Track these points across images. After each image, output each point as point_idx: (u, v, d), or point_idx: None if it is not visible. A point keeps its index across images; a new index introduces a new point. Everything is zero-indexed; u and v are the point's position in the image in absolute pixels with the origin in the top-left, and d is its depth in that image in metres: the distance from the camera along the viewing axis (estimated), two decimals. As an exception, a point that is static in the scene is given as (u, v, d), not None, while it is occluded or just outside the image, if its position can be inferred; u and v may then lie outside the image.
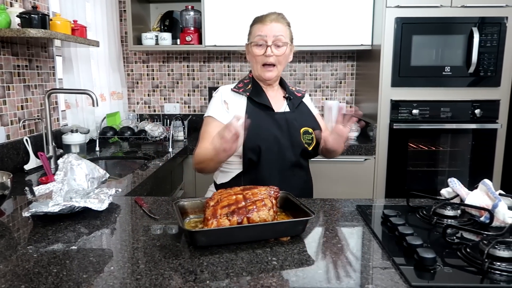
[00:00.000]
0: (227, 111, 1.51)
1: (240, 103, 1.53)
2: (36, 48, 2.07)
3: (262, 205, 0.99)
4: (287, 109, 1.56)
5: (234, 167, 1.51)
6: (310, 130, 1.53)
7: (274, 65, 1.48)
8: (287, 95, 1.58)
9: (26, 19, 1.65)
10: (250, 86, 1.56)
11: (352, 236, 1.03)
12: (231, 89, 1.56)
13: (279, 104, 1.57)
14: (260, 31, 1.47)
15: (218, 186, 1.56)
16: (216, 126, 1.47)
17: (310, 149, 1.52)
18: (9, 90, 1.86)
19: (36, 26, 1.66)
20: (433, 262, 0.81)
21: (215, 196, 1.05)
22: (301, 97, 1.63)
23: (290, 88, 1.64)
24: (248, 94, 1.53)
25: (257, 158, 1.46)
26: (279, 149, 1.47)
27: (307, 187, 1.61)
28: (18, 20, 1.68)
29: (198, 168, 1.47)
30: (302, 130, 1.51)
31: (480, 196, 1.11)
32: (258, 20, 1.51)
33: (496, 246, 0.83)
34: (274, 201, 1.02)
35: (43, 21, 1.69)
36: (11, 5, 1.84)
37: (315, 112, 1.66)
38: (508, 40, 2.35)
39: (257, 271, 0.82)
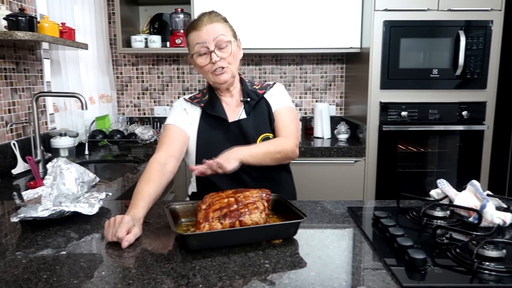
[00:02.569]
0: (189, 122, 1.42)
1: (195, 114, 1.43)
2: (23, 50, 2.05)
3: (254, 208, 0.99)
4: (243, 115, 1.43)
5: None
6: (271, 135, 1.41)
7: (223, 67, 1.35)
8: (242, 98, 1.44)
9: (13, 21, 1.63)
10: (206, 97, 1.46)
11: (343, 237, 1.03)
12: (184, 99, 1.47)
13: (237, 111, 1.44)
14: (197, 39, 1.33)
15: (190, 197, 1.53)
16: (177, 132, 1.38)
17: None
18: (-4, 93, 1.83)
19: (23, 28, 1.64)
20: (424, 262, 0.82)
21: (207, 199, 1.05)
22: (262, 95, 1.46)
23: (254, 87, 1.49)
24: (202, 105, 1.43)
25: (209, 176, 1.30)
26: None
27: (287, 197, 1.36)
28: (4, 23, 1.66)
29: None
30: (260, 137, 1.39)
31: (469, 196, 1.12)
32: (191, 28, 1.36)
33: (485, 246, 0.84)
34: (266, 204, 1.03)
35: (31, 23, 1.67)
36: (-2, 7, 1.82)
37: (277, 103, 1.46)
38: (494, 43, 2.40)
39: (250, 274, 0.82)
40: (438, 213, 1.10)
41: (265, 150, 1.31)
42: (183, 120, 1.41)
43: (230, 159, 1.19)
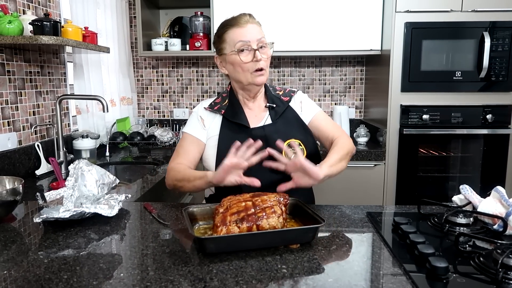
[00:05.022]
0: (204, 127, 1.43)
1: (214, 122, 1.43)
2: (48, 54, 2.10)
3: (272, 212, 0.98)
4: (269, 121, 1.42)
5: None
6: (298, 142, 1.39)
7: (263, 69, 1.35)
8: (268, 104, 1.44)
9: (38, 26, 1.68)
10: (226, 101, 1.45)
11: (362, 243, 1.02)
12: (204, 108, 1.46)
13: (260, 116, 1.43)
14: (241, 36, 1.32)
15: (207, 199, 1.53)
16: (192, 142, 1.43)
17: None
18: (21, 96, 1.88)
19: (48, 33, 1.68)
20: (446, 271, 0.80)
21: (224, 202, 1.05)
22: (288, 102, 1.46)
23: (277, 92, 1.49)
24: (223, 112, 1.42)
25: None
26: (257, 170, 1.31)
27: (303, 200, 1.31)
28: (30, 28, 1.71)
29: (173, 185, 1.37)
30: (286, 143, 1.36)
31: (493, 203, 1.09)
32: (232, 24, 1.34)
33: (511, 256, 0.81)
34: (283, 208, 1.02)
35: (55, 28, 1.71)
36: (24, 12, 1.87)
37: (311, 112, 1.48)
38: (520, 44, 2.33)
39: (267, 279, 0.81)
40: (461, 220, 1.07)
41: (338, 156, 1.32)
42: (199, 130, 1.44)
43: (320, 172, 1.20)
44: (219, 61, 1.42)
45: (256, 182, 1.17)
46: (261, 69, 1.34)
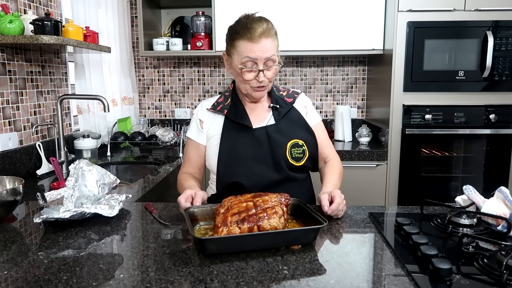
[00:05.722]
0: (201, 130, 1.43)
1: (216, 122, 1.42)
2: (49, 54, 2.10)
3: (273, 213, 0.97)
4: (272, 121, 1.41)
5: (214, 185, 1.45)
6: (301, 142, 1.38)
7: (264, 86, 1.34)
8: (271, 104, 1.42)
9: (39, 26, 1.67)
10: (229, 101, 1.43)
11: (364, 244, 1.01)
12: (206, 109, 1.44)
13: (262, 116, 1.42)
14: (249, 52, 1.26)
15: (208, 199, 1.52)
16: (192, 147, 1.45)
17: (300, 164, 1.37)
18: (22, 95, 1.88)
19: (49, 32, 1.68)
20: (449, 272, 0.79)
21: (225, 203, 1.04)
22: (291, 103, 1.45)
23: (280, 93, 1.48)
24: (225, 112, 1.40)
25: (232, 181, 1.36)
26: (259, 170, 1.35)
27: (304, 199, 1.31)
28: (31, 27, 1.70)
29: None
30: (290, 143, 1.36)
31: (497, 204, 1.08)
32: (244, 35, 1.27)
33: (515, 257, 0.80)
34: (285, 209, 1.01)
35: (56, 27, 1.70)
36: (25, 12, 1.87)
37: (314, 119, 1.48)
38: (524, 43, 2.31)
39: (268, 280, 0.80)
40: (464, 220, 1.06)
41: (339, 178, 1.41)
42: (197, 133, 1.45)
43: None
44: (226, 58, 1.38)
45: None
46: (262, 86, 1.33)
